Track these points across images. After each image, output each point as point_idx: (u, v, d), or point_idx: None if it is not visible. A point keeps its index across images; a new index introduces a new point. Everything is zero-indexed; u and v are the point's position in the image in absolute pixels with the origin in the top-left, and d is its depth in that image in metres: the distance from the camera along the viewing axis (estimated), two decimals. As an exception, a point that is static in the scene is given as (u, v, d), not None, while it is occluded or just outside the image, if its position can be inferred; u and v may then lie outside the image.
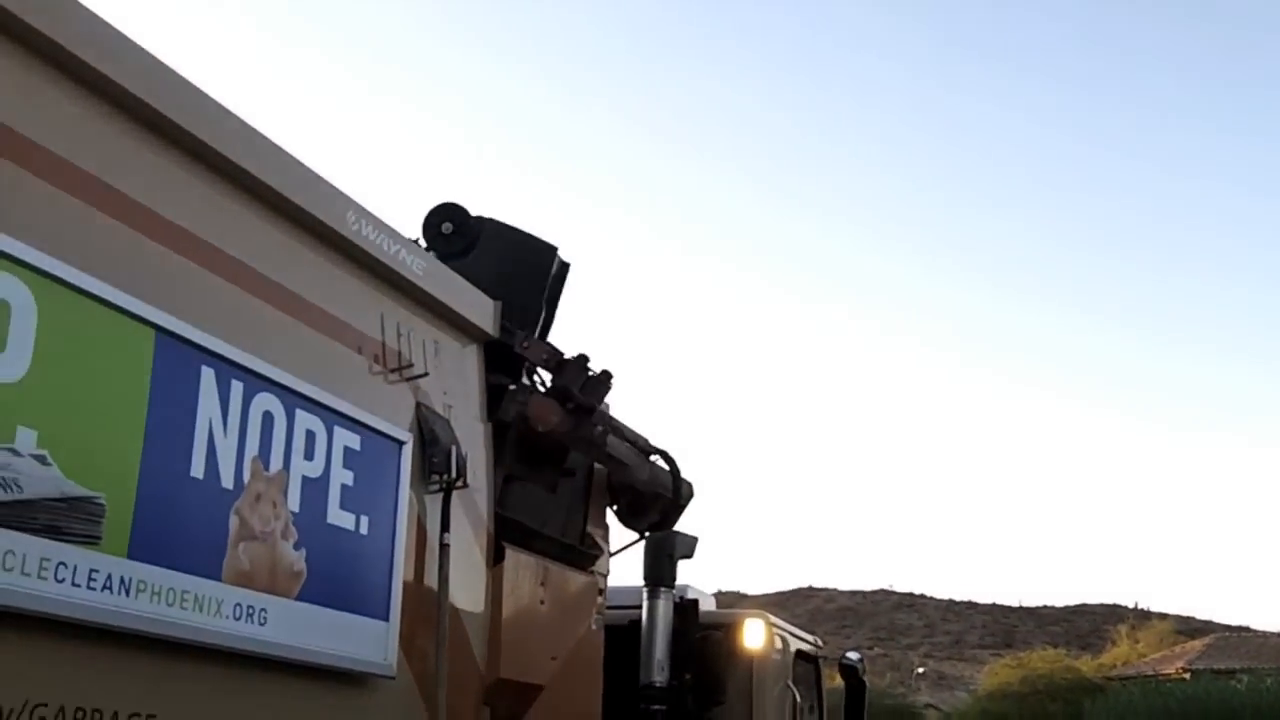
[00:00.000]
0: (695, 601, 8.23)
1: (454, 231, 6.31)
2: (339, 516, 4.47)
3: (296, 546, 4.25)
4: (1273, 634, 62.04)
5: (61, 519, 3.35)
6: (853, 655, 9.84)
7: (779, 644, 8.54)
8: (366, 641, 4.53)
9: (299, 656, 4.21)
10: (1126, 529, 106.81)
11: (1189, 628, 60.19)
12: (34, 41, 3.51)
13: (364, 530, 4.58)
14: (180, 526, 3.77)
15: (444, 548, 5.04)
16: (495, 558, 5.59)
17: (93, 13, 3.71)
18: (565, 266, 6.63)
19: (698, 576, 8.53)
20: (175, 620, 3.69)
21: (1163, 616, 63.46)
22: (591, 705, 6.60)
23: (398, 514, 4.77)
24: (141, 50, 3.88)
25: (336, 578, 4.43)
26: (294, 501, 4.25)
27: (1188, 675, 38.66)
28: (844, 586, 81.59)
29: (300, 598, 4.23)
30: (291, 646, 4.16)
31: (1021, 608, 78.37)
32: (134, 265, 3.74)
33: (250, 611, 4.00)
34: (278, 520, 4.18)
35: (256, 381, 4.14)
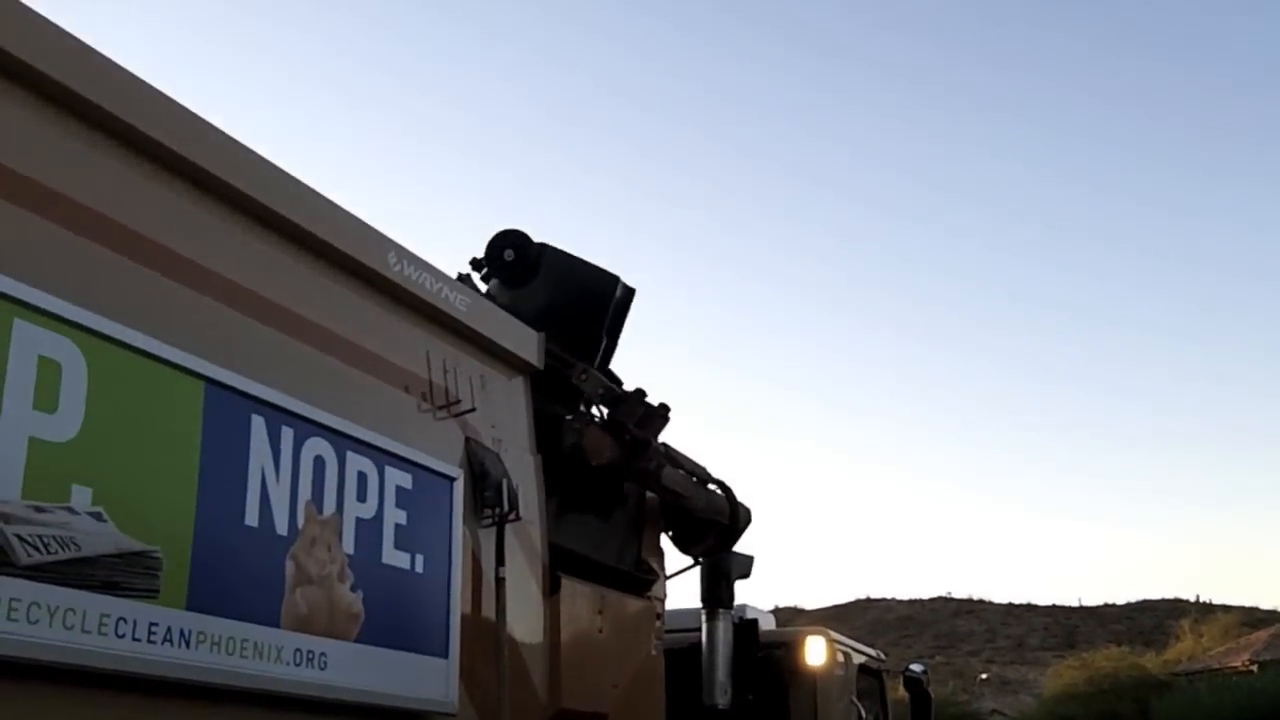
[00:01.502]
0: (755, 621, 8.20)
1: (515, 258, 6.33)
2: (394, 556, 4.46)
3: (353, 588, 4.25)
4: (1340, 621, 61.03)
5: (119, 574, 3.36)
6: (916, 667, 9.78)
7: (841, 659, 8.49)
8: (427, 679, 4.52)
9: (361, 698, 4.20)
10: (1186, 522, 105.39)
11: (1253, 619, 59.21)
12: (87, 112, 3.57)
13: (419, 568, 4.57)
14: (237, 575, 3.78)
15: (499, 581, 5.03)
16: (551, 588, 5.58)
17: (134, 75, 3.76)
18: (630, 293, 6.61)
19: (754, 594, 8.52)
20: (236, 669, 3.69)
21: (1226, 609, 62.47)
22: (654, 732, 6.56)
23: (452, 550, 4.76)
24: (180, 106, 3.92)
25: (394, 617, 4.42)
26: (349, 544, 4.25)
27: (1254, 668, 38.12)
28: (902, 596, 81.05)
29: (360, 639, 4.23)
30: (353, 689, 4.16)
31: (1082, 607, 77.53)
32: (180, 318, 3.77)
33: (310, 656, 4.00)
34: (333, 563, 4.18)
35: (306, 426, 4.15)
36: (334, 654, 4.09)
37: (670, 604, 7.09)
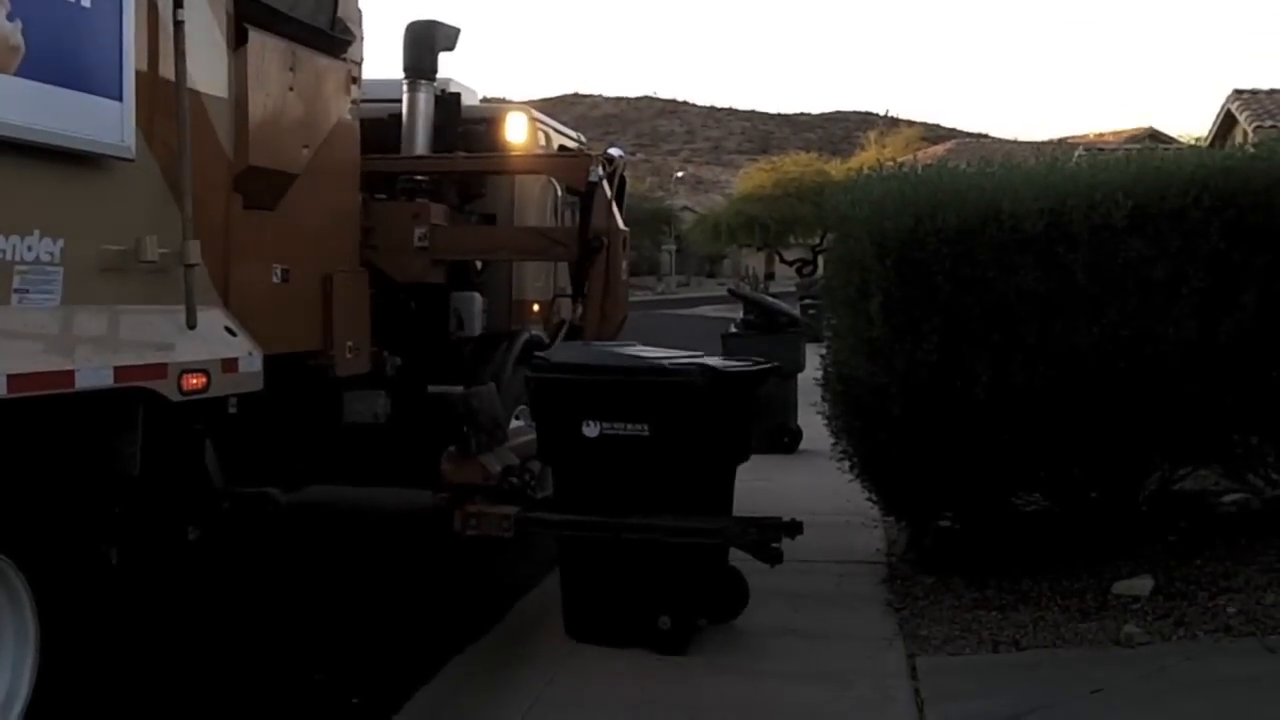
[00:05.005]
0: (458, 95, 8.07)
1: None
2: (56, -12, 4.07)
3: (10, 18, 3.88)
4: (1008, 140, 65.94)
5: None
6: (614, 150, 9.94)
7: (542, 139, 8.53)
8: (100, 122, 4.26)
9: (25, 135, 3.95)
10: (882, 34, 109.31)
11: (934, 135, 63.35)
12: None
13: (86, 2, 4.19)
14: None
15: (178, 25, 4.69)
16: (238, 40, 5.27)
17: None
18: None
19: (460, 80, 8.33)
20: (-128, 92, 3.37)
21: (910, 124, 66.40)
22: (347, 199, 6.52)
23: (123, -14, 4.37)
24: None
25: (60, 53, 4.09)
26: (-2, -30, 3.83)
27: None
28: (609, 93, 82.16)
29: (20, 74, 3.91)
30: (14, 125, 3.89)
31: (779, 115, 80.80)
32: None
33: (-37, 87, 3.68)
34: (-16, -11, 3.77)
35: None
36: (-10, 86, 3.78)
37: (369, 73, 6.85)
